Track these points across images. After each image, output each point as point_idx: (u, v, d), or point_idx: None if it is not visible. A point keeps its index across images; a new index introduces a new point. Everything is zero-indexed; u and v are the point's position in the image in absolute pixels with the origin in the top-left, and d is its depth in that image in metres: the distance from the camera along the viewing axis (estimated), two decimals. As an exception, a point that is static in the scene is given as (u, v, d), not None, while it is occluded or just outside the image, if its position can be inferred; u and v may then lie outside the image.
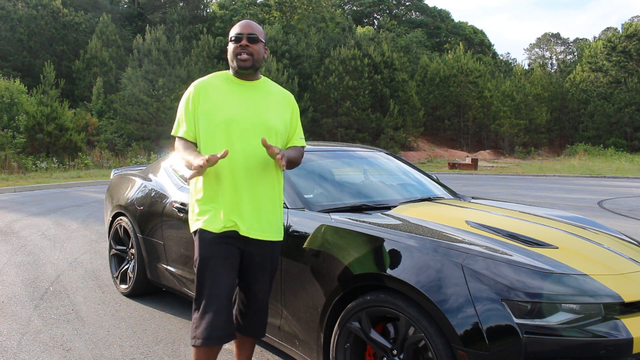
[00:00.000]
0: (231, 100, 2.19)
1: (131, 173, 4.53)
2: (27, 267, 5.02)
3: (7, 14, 28.82)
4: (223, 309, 2.11)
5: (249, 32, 2.20)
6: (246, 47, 2.18)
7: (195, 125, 2.19)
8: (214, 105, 2.17)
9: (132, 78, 24.16)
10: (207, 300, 2.10)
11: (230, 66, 2.28)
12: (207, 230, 2.14)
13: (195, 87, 2.23)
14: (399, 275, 2.03)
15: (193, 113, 2.19)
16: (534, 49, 71.57)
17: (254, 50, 2.19)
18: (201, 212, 2.18)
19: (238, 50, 2.19)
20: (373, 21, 56.15)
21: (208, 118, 2.16)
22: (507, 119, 34.76)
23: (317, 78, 30.59)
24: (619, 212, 8.86)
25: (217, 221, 2.14)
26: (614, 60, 38.92)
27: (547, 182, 16.60)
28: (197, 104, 2.18)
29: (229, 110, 2.16)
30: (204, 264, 2.13)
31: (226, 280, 2.13)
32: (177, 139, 2.25)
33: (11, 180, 15.72)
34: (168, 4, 39.03)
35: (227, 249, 2.14)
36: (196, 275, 2.16)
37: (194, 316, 2.14)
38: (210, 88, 2.21)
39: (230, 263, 2.15)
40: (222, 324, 2.10)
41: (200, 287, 2.14)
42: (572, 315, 1.82)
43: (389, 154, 3.90)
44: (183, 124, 2.22)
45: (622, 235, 2.73)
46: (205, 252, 2.13)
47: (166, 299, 4.03)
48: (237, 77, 2.25)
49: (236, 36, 2.21)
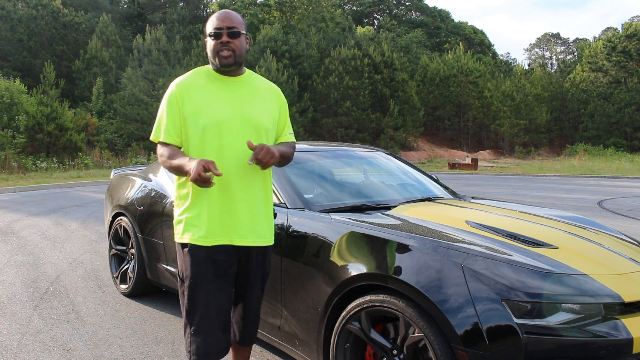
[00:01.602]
0: (216, 99, 2.03)
1: (131, 173, 4.53)
2: (27, 267, 5.02)
3: (7, 14, 28.83)
4: (219, 326, 2.03)
5: (229, 25, 2.01)
6: (227, 44, 2.00)
7: (180, 128, 2.02)
8: (199, 106, 2.00)
9: (132, 78, 24.18)
10: (201, 319, 2.01)
11: (210, 62, 2.09)
12: (198, 246, 1.99)
13: (177, 86, 2.05)
14: (399, 275, 2.03)
15: (178, 115, 2.01)
16: (534, 49, 71.59)
17: (236, 46, 2.01)
18: (190, 224, 2.01)
19: (218, 47, 2.00)
20: (373, 21, 56.14)
21: (194, 120, 1.99)
22: (507, 119, 34.75)
23: (317, 78, 30.58)
24: (619, 212, 8.86)
25: (210, 234, 1.99)
26: (614, 60, 38.91)
27: (547, 182, 16.60)
28: (182, 104, 2.01)
29: (216, 110, 2.00)
30: (195, 283, 2.00)
31: (221, 297, 2.03)
32: (159, 145, 2.05)
33: (11, 180, 15.72)
34: (168, 4, 39.02)
35: (221, 264, 2.02)
36: (187, 292, 2.03)
37: (187, 331, 2.04)
38: (194, 87, 2.04)
39: (225, 279, 2.04)
40: (218, 341, 2.03)
41: (193, 305, 2.02)
42: (572, 315, 1.82)
43: (389, 154, 3.90)
44: (166, 127, 2.03)
45: (622, 235, 2.73)
46: (197, 270, 2.00)
47: (166, 299, 4.03)
48: (220, 73, 2.08)
49: (215, 32, 2.01)
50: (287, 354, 2.79)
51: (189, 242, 2.01)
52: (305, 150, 3.49)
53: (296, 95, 28.14)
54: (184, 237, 2.03)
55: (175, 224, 2.09)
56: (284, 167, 2.94)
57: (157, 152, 2.06)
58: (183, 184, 2.06)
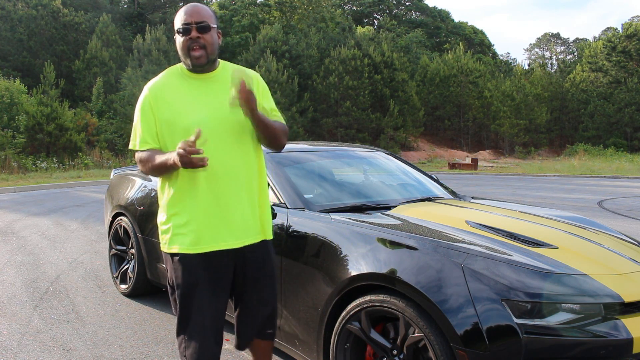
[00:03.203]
0: (193, 101, 1.93)
1: (131, 173, 4.53)
2: (27, 267, 5.02)
3: (7, 14, 28.84)
4: (212, 332, 1.97)
5: (198, 20, 1.90)
6: (197, 40, 1.90)
7: (156, 133, 1.93)
8: (176, 110, 1.91)
9: (132, 78, 24.17)
10: (194, 326, 1.95)
11: (182, 61, 2.00)
12: (189, 254, 1.91)
13: (150, 90, 1.96)
14: (399, 275, 2.03)
15: (153, 121, 1.93)
16: (534, 49, 71.60)
17: (207, 42, 1.91)
18: (178, 232, 1.92)
19: (188, 44, 1.90)
20: (373, 21, 56.13)
21: (171, 125, 1.91)
22: (507, 119, 34.76)
23: (317, 78, 30.59)
24: (619, 212, 8.86)
25: (200, 240, 1.90)
26: (614, 60, 38.90)
27: (547, 182, 16.60)
28: (157, 109, 1.92)
29: (194, 113, 1.91)
30: (188, 292, 1.93)
31: (215, 305, 1.96)
32: (137, 153, 1.96)
33: (11, 180, 15.73)
34: (168, 4, 39.03)
35: (215, 270, 1.94)
36: (179, 300, 1.96)
37: (180, 337, 1.98)
38: (167, 90, 1.95)
39: (219, 284, 1.96)
40: (211, 350, 1.97)
41: (185, 313, 1.95)
42: (572, 315, 1.82)
43: (389, 154, 3.90)
44: (141, 135, 1.94)
45: (622, 235, 2.73)
46: (189, 279, 1.92)
47: (166, 299, 4.03)
48: (193, 71, 1.98)
49: (183, 27, 1.90)
50: (287, 354, 2.79)
51: (178, 251, 1.92)
52: (305, 150, 3.49)
53: (296, 95, 28.14)
54: (173, 247, 1.94)
55: (162, 233, 1.99)
56: (284, 167, 2.95)
57: (136, 160, 1.98)
58: (167, 188, 1.97)
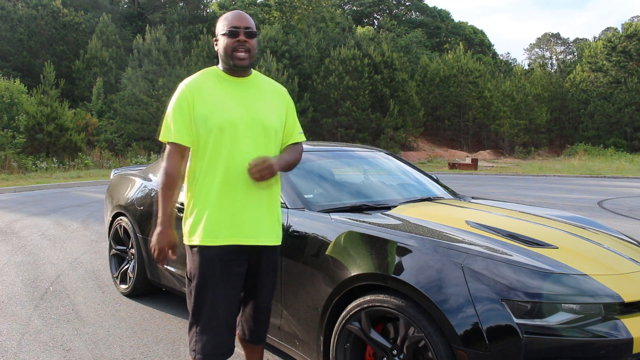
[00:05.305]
0: (227, 100, 2.03)
1: (131, 173, 4.53)
2: (27, 267, 5.02)
3: (7, 14, 28.83)
4: (225, 326, 2.02)
5: (246, 25, 2.01)
6: (244, 43, 2.00)
7: (191, 129, 2.01)
8: (211, 108, 1.99)
9: (132, 78, 24.17)
10: (208, 319, 2.00)
11: (221, 62, 2.08)
12: (207, 246, 2.00)
13: (187, 87, 2.04)
14: (399, 275, 2.03)
15: (188, 116, 2.00)
16: (534, 49, 71.57)
17: (251, 46, 2.02)
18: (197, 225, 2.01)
19: (235, 45, 1.99)
20: (373, 21, 56.12)
21: (205, 122, 1.99)
22: (507, 119, 34.75)
23: (317, 78, 30.58)
24: (619, 212, 8.86)
25: (219, 234, 1.99)
26: (614, 60, 38.89)
27: (547, 182, 16.60)
28: (192, 106, 2.00)
29: (227, 112, 2.00)
30: (204, 283, 2.00)
31: (229, 298, 2.03)
32: (168, 145, 2.03)
33: (11, 180, 15.72)
34: (168, 4, 39.01)
35: (231, 264, 2.02)
36: (194, 291, 2.03)
37: (193, 330, 2.03)
38: (204, 89, 2.03)
39: (234, 279, 2.03)
40: (224, 341, 2.02)
41: (200, 304, 2.02)
42: (572, 315, 1.82)
43: (389, 154, 3.90)
44: (176, 128, 2.01)
45: (622, 235, 2.73)
46: (206, 270, 2.00)
47: (166, 299, 4.03)
48: (229, 74, 2.07)
49: (231, 30, 2.00)
50: (287, 354, 2.79)
51: (198, 243, 2.01)
52: (305, 150, 3.47)
53: (296, 95, 28.11)
54: (193, 240, 2.03)
55: (184, 225, 2.09)
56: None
57: (165, 153, 2.06)
58: (193, 183, 2.06)
